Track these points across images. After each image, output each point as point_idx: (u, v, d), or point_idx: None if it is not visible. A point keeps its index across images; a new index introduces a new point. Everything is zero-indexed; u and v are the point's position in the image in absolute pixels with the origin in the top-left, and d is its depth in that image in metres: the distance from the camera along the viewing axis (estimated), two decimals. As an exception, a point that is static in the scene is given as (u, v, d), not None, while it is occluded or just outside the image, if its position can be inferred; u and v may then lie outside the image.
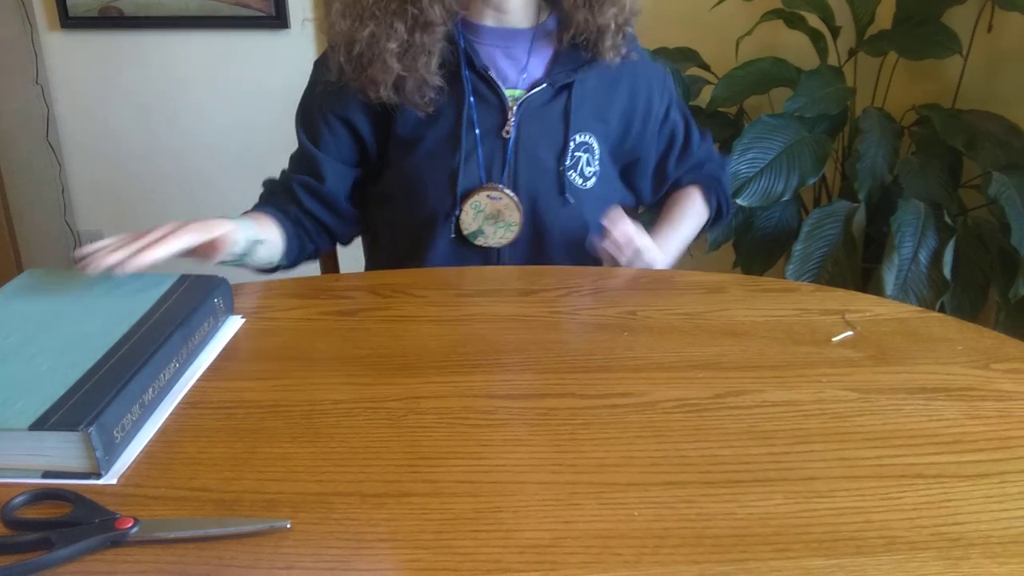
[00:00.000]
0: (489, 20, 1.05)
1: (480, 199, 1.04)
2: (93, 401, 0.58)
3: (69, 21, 2.27)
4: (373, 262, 1.19)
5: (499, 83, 1.03)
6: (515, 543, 0.51)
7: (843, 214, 1.78)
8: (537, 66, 1.07)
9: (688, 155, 1.19)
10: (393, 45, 0.97)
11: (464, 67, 1.03)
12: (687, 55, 2.05)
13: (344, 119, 1.05)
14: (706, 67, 2.05)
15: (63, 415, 0.57)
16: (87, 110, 2.40)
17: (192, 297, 0.76)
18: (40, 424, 0.56)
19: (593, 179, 1.09)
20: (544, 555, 0.50)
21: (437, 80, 1.00)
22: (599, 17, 1.02)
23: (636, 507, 0.55)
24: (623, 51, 1.07)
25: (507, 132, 1.04)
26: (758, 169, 1.77)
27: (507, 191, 1.04)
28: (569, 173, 1.06)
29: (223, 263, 0.92)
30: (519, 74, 1.06)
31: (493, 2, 1.02)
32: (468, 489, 0.56)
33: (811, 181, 1.77)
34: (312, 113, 1.07)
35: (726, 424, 0.64)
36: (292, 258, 1.07)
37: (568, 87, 1.06)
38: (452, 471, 0.58)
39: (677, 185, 1.20)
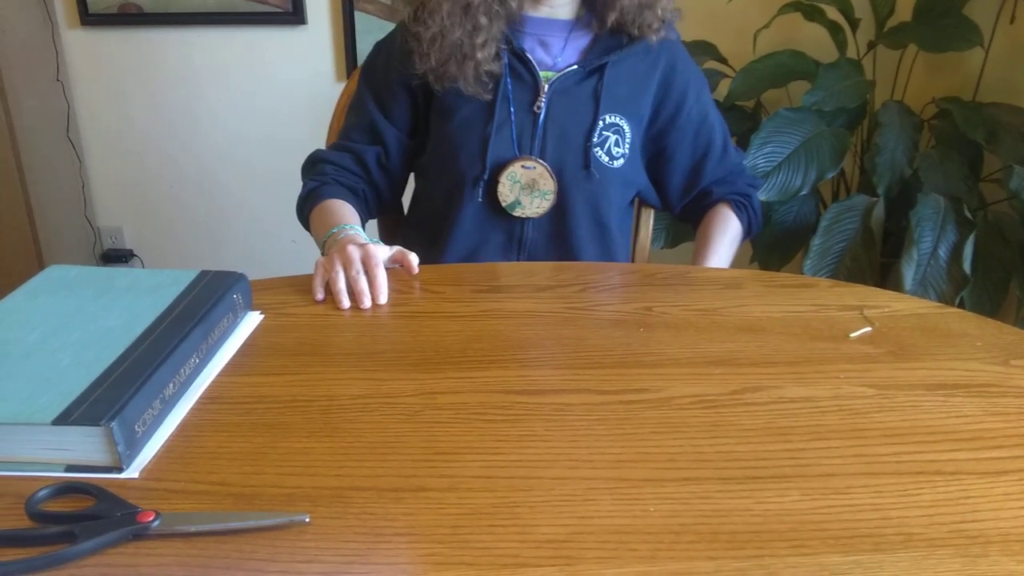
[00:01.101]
0: (533, 12, 1.10)
1: (515, 170, 1.09)
2: (115, 396, 0.59)
3: (89, 18, 2.29)
4: (403, 234, 1.26)
5: (535, 64, 1.09)
6: (531, 538, 0.51)
7: (862, 208, 1.76)
8: (572, 53, 1.12)
9: (723, 165, 1.21)
10: (481, 39, 1.05)
11: (504, 47, 1.08)
12: (704, 48, 2.03)
13: (409, 91, 1.13)
14: (723, 60, 2.03)
15: (85, 410, 0.57)
16: (107, 106, 2.42)
17: (211, 293, 0.77)
18: (63, 419, 0.57)
19: (621, 160, 1.12)
20: (560, 550, 0.50)
21: (496, 67, 1.07)
22: None
23: (652, 503, 0.55)
24: (661, 31, 1.11)
25: (538, 108, 1.09)
26: (776, 163, 1.76)
27: (540, 161, 1.09)
28: (595, 150, 1.10)
29: None
30: (553, 59, 1.11)
31: None
32: (485, 484, 0.57)
33: (829, 175, 1.75)
34: (379, 82, 1.14)
35: (743, 420, 0.64)
36: None
37: (600, 70, 1.10)
38: (469, 466, 0.59)
39: (708, 196, 1.21)
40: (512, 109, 1.09)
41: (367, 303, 0.85)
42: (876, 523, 0.53)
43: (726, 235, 1.19)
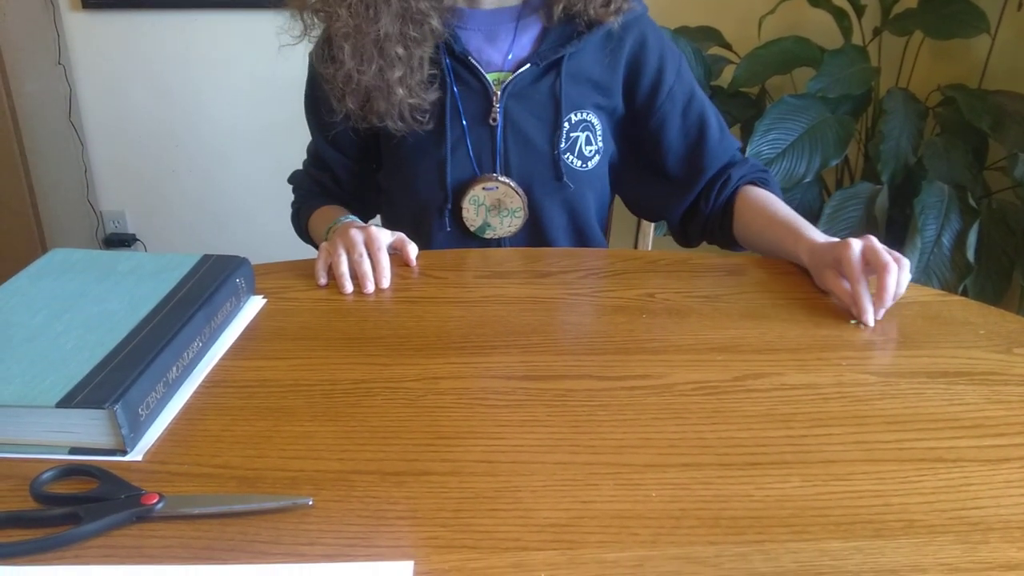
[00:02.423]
0: (474, 5, 1.00)
1: (476, 193, 1.01)
2: (118, 379, 0.59)
3: (91, 1, 2.28)
4: None
5: (480, 68, 0.98)
6: (533, 522, 0.52)
7: (865, 196, 1.76)
8: (523, 47, 1.01)
9: (725, 147, 1.06)
10: (398, 73, 0.94)
11: (444, 54, 0.98)
12: (708, 34, 2.02)
13: (345, 115, 1.01)
14: (728, 46, 2.02)
15: (89, 393, 0.58)
16: (109, 90, 2.41)
17: (214, 277, 0.77)
18: (67, 402, 0.57)
19: (596, 158, 1.04)
20: (562, 534, 0.51)
21: (431, 98, 0.97)
22: None
23: (653, 488, 0.55)
24: (622, 6, 0.98)
25: (493, 119, 0.99)
26: (780, 150, 1.75)
27: (502, 179, 1.01)
28: (566, 156, 1.02)
29: None
30: (504, 56, 1.00)
31: None
32: (486, 468, 0.57)
33: (833, 163, 1.75)
34: (317, 105, 1.06)
35: (744, 407, 0.64)
36: None
37: (558, 64, 0.99)
38: (471, 451, 0.59)
39: (726, 182, 1.03)
40: (465, 124, 1.00)
41: (370, 287, 0.84)
42: (877, 509, 0.53)
43: (786, 209, 0.98)
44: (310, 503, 0.53)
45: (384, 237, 0.89)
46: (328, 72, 0.96)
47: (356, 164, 1.11)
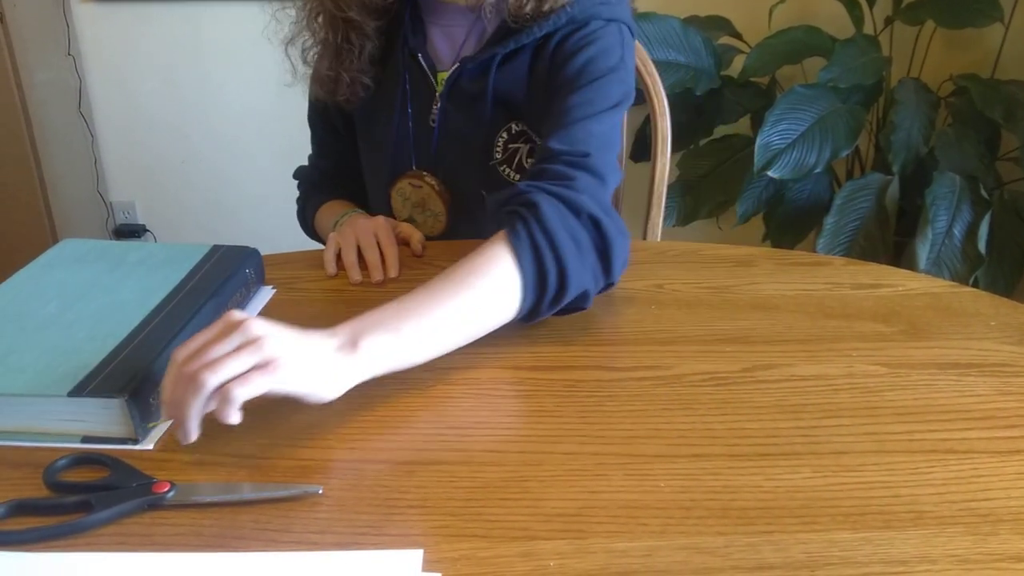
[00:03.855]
0: None
1: (404, 187, 0.99)
2: (130, 369, 0.60)
3: (100, -8, 2.29)
4: None
5: (426, 65, 0.95)
6: (542, 511, 0.52)
7: (876, 187, 1.75)
8: (471, 46, 0.96)
9: (564, 130, 0.81)
10: (313, 47, 0.97)
11: (402, 47, 0.96)
12: (719, 23, 2.01)
13: (335, 106, 1.03)
14: (738, 36, 2.01)
15: (101, 382, 0.58)
16: (119, 81, 2.42)
17: (224, 267, 0.77)
18: (79, 391, 0.57)
19: None
20: (571, 524, 0.51)
21: (367, 79, 0.97)
22: None
23: (662, 478, 0.55)
24: (544, 7, 0.87)
25: (432, 119, 0.96)
26: (790, 141, 1.74)
27: (428, 179, 0.98)
28: (502, 168, 0.96)
29: None
30: (454, 54, 0.96)
31: None
32: (496, 458, 0.57)
33: (844, 153, 1.74)
34: (312, 101, 1.08)
35: (754, 398, 0.64)
36: None
37: (490, 65, 0.91)
38: (480, 440, 0.59)
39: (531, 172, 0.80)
40: (412, 115, 0.98)
41: (379, 276, 0.84)
42: (887, 501, 0.53)
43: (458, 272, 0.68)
44: (320, 492, 0.53)
45: (392, 228, 0.90)
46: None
47: (352, 149, 1.10)
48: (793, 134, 1.75)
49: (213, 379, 0.52)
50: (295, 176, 1.16)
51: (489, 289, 0.67)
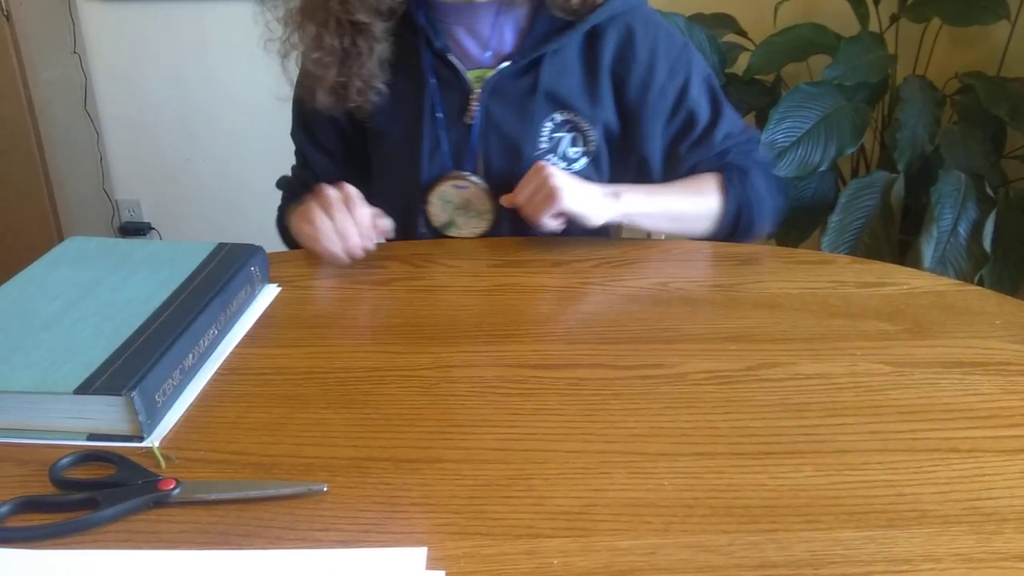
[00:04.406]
0: None
1: (446, 189, 0.97)
2: (135, 366, 0.60)
3: (105, -10, 2.29)
4: None
5: (459, 64, 0.95)
6: (546, 510, 0.52)
7: (881, 185, 1.75)
8: (506, 41, 0.97)
9: (709, 142, 0.99)
10: (318, 54, 0.93)
11: (424, 49, 0.95)
12: (723, 21, 2.01)
13: (329, 115, 1.00)
14: (743, 33, 2.01)
15: (106, 380, 0.58)
16: (124, 79, 2.42)
17: (229, 265, 0.77)
18: (84, 388, 0.57)
19: (582, 160, 0.99)
20: (574, 522, 0.51)
21: (378, 83, 0.95)
22: None
23: (666, 476, 0.55)
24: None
25: (470, 118, 0.96)
26: (795, 139, 1.74)
27: (473, 179, 0.97)
28: (548, 157, 0.97)
29: None
30: (484, 51, 0.97)
31: None
32: (500, 456, 0.57)
33: (849, 151, 1.73)
34: (303, 106, 1.02)
35: (758, 396, 0.64)
36: None
37: (539, 60, 0.95)
38: (484, 439, 0.59)
39: (695, 171, 1.01)
40: (442, 120, 0.96)
41: (354, 240, 0.82)
42: (890, 499, 0.53)
43: (685, 183, 0.98)
44: (325, 489, 0.53)
45: (359, 196, 0.86)
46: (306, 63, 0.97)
47: (340, 167, 1.06)
48: (798, 132, 1.74)
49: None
50: (278, 185, 1.13)
51: (707, 210, 0.96)
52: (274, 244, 0.91)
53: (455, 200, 0.98)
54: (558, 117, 0.97)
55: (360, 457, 0.57)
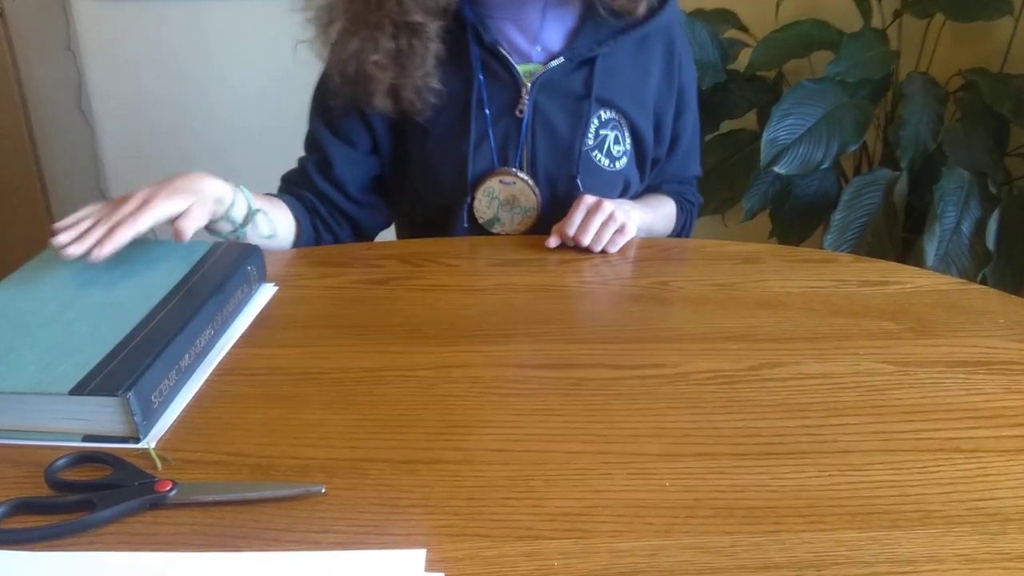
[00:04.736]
0: None
1: (493, 185, 0.98)
2: (131, 367, 0.59)
3: (102, -13, 2.28)
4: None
5: (511, 58, 0.97)
6: (546, 511, 0.51)
7: (884, 182, 1.74)
8: (554, 37, 0.99)
9: (678, 168, 1.13)
10: (377, 57, 0.92)
11: (472, 43, 0.96)
12: (725, 17, 2.00)
13: (358, 106, 0.99)
14: (744, 29, 2.00)
15: (102, 380, 0.58)
16: (119, 77, 2.41)
17: (225, 264, 0.77)
18: (80, 389, 0.57)
19: (624, 159, 1.02)
20: (575, 523, 0.50)
21: (434, 83, 0.94)
22: None
23: (667, 477, 0.55)
24: (652, 4, 0.98)
25: (520, 111, 0.97)
26: (797, 136, 1.73)
27: (521, 175, 0.98)
28: (594, 153, 1.00)
29: (221, 234, 0.88)
30: (532, 46, 0.98)
31: None
32: (499, 457, 0.57)
33: (852, 148, 1.72)
34: (326, 94, 1.01)
35: (760, 396, 0.64)
36: (307, 245, 1.01)
37: (591, 61, 0.98)
38: (483, 439, 0.59)
39: (653, 189, 1.13)
40: (489, 115, 0.97)
41: (77, 250, 0.72)
42: (894, 500, 0.53)
43: (664, 207, 1.09)
44: (323, 491, 0.53)
45: (170, 208, 0.77)
46: (331, 61, 0.96)
47: (366, 157, 1.03)
48: (800, 129, 1.73)
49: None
50: (282, 179, 1.10)
51: (668, 221, 1.11)
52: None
53: (501, 196, 0.99)
54: (603, 115, 1.00)
55: (358, 458, 0.56)
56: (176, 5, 2.31)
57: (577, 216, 0.92)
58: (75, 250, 0.72)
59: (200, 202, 0.80)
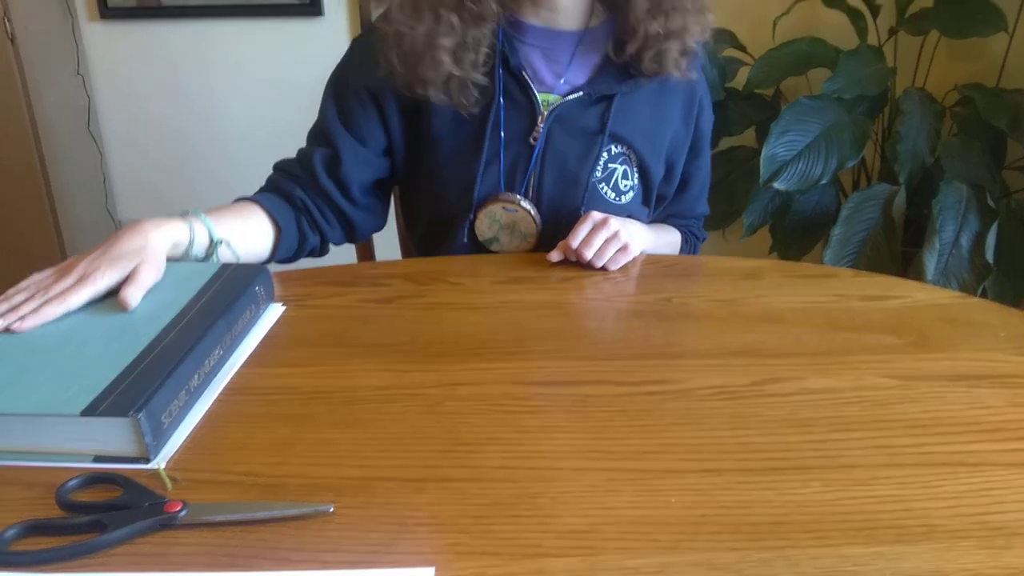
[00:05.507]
0: (534, 18, 0.99)
1: (495, 210, 0.99)
2: (141, 388, 0.60)
3: (108, 12, 2.31)
4: (406, 249, 1.19)
5: (532, 85, 0.98)
6: (553, 528, 0.52)
7: (883, 197, 1.75)
8: (579, 73, 1.01)
9: (688, 209, 1.17)
10: (448, 41, 0.92)
11: (499, 65, 0.97)
12: (723, 36, 2.02)
13: (378, 105, 0.99)
14: (742, 48, 2.02)
15: (113, 401, 0.58)
16: (127, 100, 2.44)
17: (234, 285, 0.77)
18: (91, 410, 0.57)
19: (630, 194, 1.03)
20: (582, 540, 0.51)
21: (482, 79, 0.95)
22: (670, 25, 0.96)
23: (673, 494, 0.55)
24: (686, 69, 1.01)
25: (534, 139, 0.98)
26: (796, 152, 1.74)
27: (524, 203, 0.99)
28: (600, 186, 1.01)
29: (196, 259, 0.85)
30: (556, 78, 1.00)
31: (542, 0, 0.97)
32: (506, 475, 0.57)
33: (850, 164, 1.74)
34: (345, 88, 1.01)
35: (764, 411, 0.64)
36: (288, 251, 0.98)
37: (609, 98, 1.00)
38: (491, 457, 0.59)
39: (659, 221, 1.16)
40: (503, 138, 0.98)
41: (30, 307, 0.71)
42: (898, 514, 0.53)
43: (666, 232, 1.13)
44: (331, 510, 0.53)
45: (110, 278, 0.74)
46: (383, 28, 0.95)
47: (373, 156, 1.02)
48: (799, 145, 1.75)
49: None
50: (277, 168, 1.05)
51: (672, 249, 1.14)
52: (278, 264, 0.91)
53: (502, 220, 1.00)
54: (614, 149, 1.01)
55: (366, 477, 0.57)
56: (183, 28, 2.34)
57: (582, 230, 0.92)
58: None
59: (148, 260, 0.76)
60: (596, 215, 0.93)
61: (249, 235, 0.92)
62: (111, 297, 0.75)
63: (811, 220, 1.93)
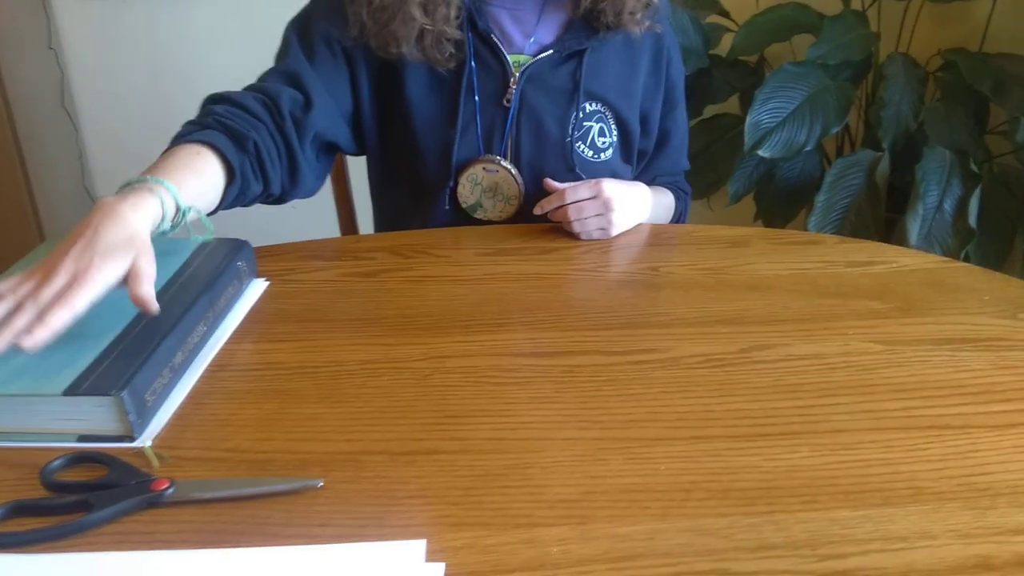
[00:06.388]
0: None
1: (476, 172, 0.99)
2: (124, 366, 0.59)
3: (80, -16, 2.26)
4: (379, 224, 1.16)
5: (502, 47, 0.97)
6: (544, 498, 0.52)
7: (866, 163, 1.75)
8: (547, 31, 1.00)
9: (671, 163, 1.15)
10: None
11: (467, 28, 0.96)
12: (706, 2, 2.00)
13: (350, 65, 0.96)
14: (726, 14, 2.00)
15: (95, 380, 0.58)
16: (102, 74, 2.39)
17: (215, 261, 0.76)
18: (73, 389, 0.57)
19: (609, 151, 1.03)
20: (573, 509, 0.51)
21: (456, 33, 0.94)
22: None
23: (662, 461, 0.55)
24: (647, 23, 1.00)
25: (508, 100, 0.98)
26: (780, 119, 1.74)
27: (504, 163, 0.99)
28: (577, 145, 1.00)
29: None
30: (525, 39, 0.99)
31: None
32: (496, 446, 0.57)
33: (834, 130, 1.73)
34: (313, 29, 0.95)
35: (751, 378, 0.64)
36: (229, 202, 0.85)
37: (579, 54, 0.99)
38: (479, 429, 0.59)
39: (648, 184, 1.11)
40: (478, 101, 0.97)
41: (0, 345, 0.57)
42: (885, 478, 0.53)
43: (661, 195, 1.11)
44: (320, 484, 0.53)
45: (111, 274, 0.62)
46: None
47: (339, 116, 0.97)
48: (783, 112, 1.74)
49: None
50: (202, 102, 0.95)
51: (668, 212, 1.13)
52: (260, 238, 0.90)
53: (484, 183, 0.99)
54: (588, 107, 1.00)
55: (355, 451, 0.57)
56: (159, 0, 2.29)
57: (582, 192, 0.92)
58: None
59: (143, 250, 0.65)
60: (607, 189, 0.92)
61: (207, 192, 0.80)
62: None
63: (795, 187, 1.93)
